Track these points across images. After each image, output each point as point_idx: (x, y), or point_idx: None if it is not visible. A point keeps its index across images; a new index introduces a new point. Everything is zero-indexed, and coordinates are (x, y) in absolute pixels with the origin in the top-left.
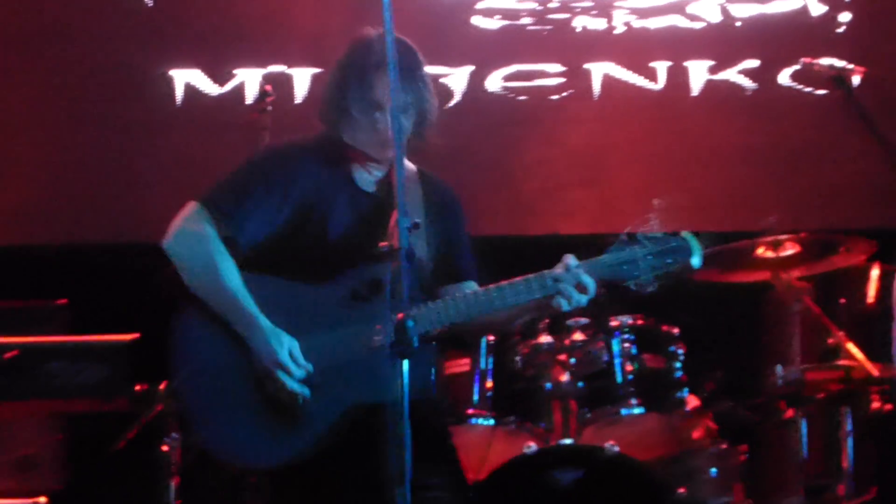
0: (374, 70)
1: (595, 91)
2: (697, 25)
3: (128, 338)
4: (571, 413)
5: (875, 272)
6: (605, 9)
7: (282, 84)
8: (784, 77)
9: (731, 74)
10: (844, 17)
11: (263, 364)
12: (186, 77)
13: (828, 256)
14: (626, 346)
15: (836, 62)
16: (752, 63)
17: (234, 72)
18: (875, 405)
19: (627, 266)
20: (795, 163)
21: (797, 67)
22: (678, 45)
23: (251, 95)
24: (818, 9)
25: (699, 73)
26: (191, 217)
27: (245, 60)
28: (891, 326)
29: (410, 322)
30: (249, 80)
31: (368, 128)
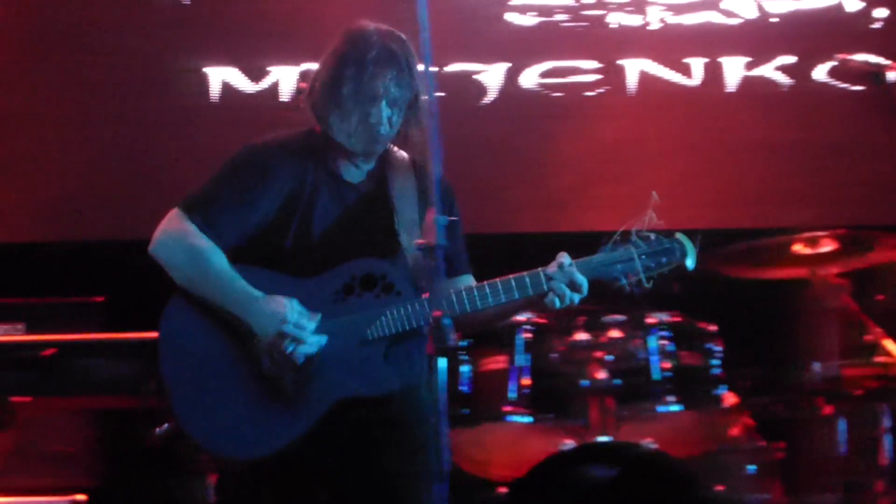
0: (374, 63)
1: (630, 87)
2: (733, 21)
3: None
4: (608, 410)
5: None
6: (640, 5)
7: None
8: (820, 73)
9: (767, 70)
10: (880, 13)
11: (267, 333)
12: (222, 74)
13: (865, 253)
14: (663, 343)
15: (872, 58)
16: (788, 59)
17: (269, 69)
18: None
19: (621, 265)
20: (831, 159)
21: (833, 64)
22: (713, 42)
23: (286, 92)
24: (854, 4)
25: (735, 70)
26: (172, 219)
27: (280, 58)
28: None
29: (447, 320)
30: (284, 78)
31: (361, 121)
